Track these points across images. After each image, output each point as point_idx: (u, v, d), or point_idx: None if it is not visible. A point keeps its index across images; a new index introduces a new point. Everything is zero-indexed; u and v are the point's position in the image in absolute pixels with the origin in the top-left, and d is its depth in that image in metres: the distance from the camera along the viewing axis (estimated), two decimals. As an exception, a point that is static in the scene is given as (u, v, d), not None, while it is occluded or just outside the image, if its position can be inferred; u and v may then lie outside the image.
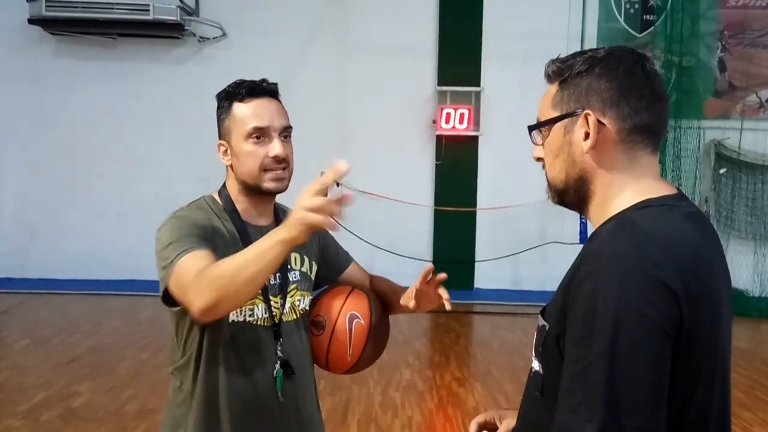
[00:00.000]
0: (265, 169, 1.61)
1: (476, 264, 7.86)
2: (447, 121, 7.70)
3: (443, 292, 1.67)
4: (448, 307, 1.66)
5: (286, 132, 1.65)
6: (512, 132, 7.90)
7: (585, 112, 1.10)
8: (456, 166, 7.84)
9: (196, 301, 1.40)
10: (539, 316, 1.17)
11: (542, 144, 1.19)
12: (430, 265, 1.70)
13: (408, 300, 1.72)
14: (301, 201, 1.33)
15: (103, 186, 7.92)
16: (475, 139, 7.84)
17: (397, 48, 7.78)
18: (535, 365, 1.16)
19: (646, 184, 1.12)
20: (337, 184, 6.62)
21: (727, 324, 1.08)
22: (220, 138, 1.68)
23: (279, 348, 1.65)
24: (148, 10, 7.30)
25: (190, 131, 7.80)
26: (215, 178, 7.42)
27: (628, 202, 1.10)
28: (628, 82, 1.10)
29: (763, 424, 4.25)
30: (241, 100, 1.63)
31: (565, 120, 1.14)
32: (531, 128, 1.21)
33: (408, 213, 7.53)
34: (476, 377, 5.07)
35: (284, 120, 1.65)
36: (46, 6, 7.29)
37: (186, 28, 7.63)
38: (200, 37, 7.85)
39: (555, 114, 1.15)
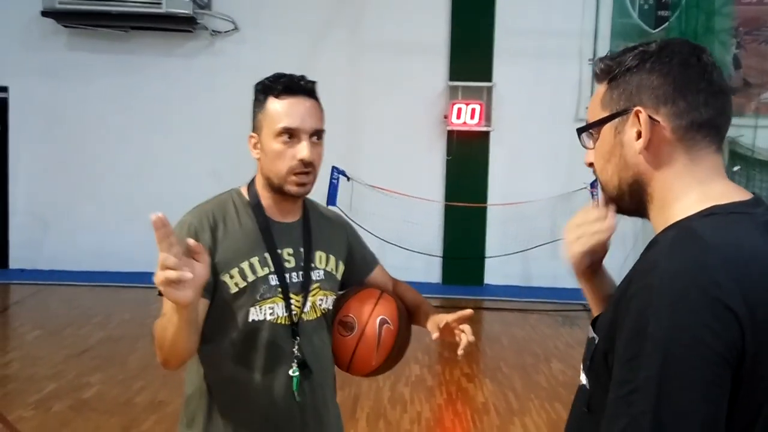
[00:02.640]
0: (290, 172, 1.58)
1: (486, 260, 7.85)
2: (458, 117, 7.67)
3: (465, 336, 1.64)
4: (460, 352, 1.64)
5: (317, 135, 1.60)
6: (524, 128, 7.96)
7: (636, 109, 1.02)
8: (467, 161, 7.81)
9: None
10: (590, 327, 1.10)
11: (593, 147, 1.11)
12: (470, 311, 1.68)
13: (434, 329, 1.71)
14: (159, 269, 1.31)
15: (115, 179, 7.96)
16: (486, 134, 7.82)
17: (408, 43, 7.76)
18: (583, 379, 1.10)
19: (714, 188, 1.02)
20: (348, 178, 6.67)
21: None
22: (253, 130, 1.64)
23: (296, 347, 1.62)
24: (161, 4, 7.31)
25: (202, 125, 7.83)
26: (226, 171, 7.49)
27: (692, 208, 1.00)
28: (683, 76, 1.02)
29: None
30: (276, 96, 1.58)
31: (616, 120, 1.06)
32: (580, 131, 1.13)
33: (418, 208, 7.53)
34: (485, 373, 5.06)
35: (316, 122, 1.60)
36: (59, -1, 7.33)
37: (198, 21, 7.64)
38: (212, 30, 7.86)
39: (604, 114, 1.07)
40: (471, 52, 7.77)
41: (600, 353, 1.02)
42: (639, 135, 1.03)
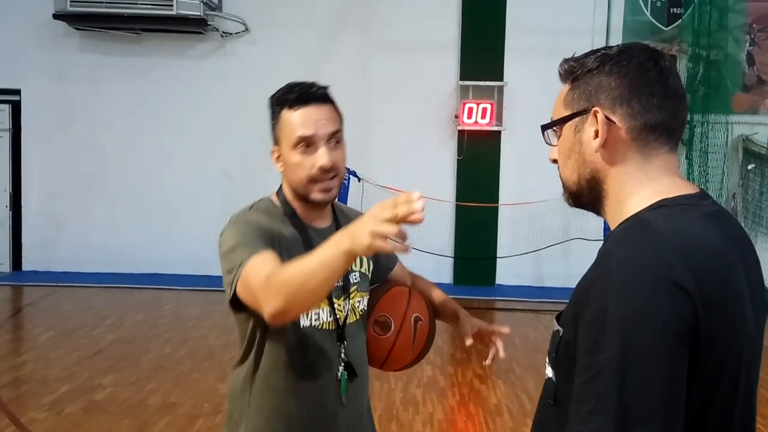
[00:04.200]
0: (312, 180, 1.58)
1: (498, 260, 7.81)
2: (469, 116, 7.64)
3: (499, 349, 1.78)
4: (488, 362, 1.81)
5: (334, 137, 1.60)
6: (535, 127, 7.78)
7: (594, 109, 1.08)
8: (478, 161, 7.78)
9: (266, 306, 1.37)
10: (555, 321, 1.13)
11: (557, 144, 1.18)
12: (507, 330, 1.79)
13: (468, 334, 1.78)
14: (371, 221, 1.23)
15: (127, 181, 8.00)
16: (497, 134, 7.78)
17: (419, 43, 7.74)
18: (549, 372, 1.12)
19: (664, 184, 1.07)
20: (358, 179, 6.63)
21: (754, 329, 1.02)
22: (273, 143, 1.65)
23: (343, 351, 1.63)
24: (172, 6, 7.34)
25: (213, 126, 7.85)
26: (238, 173, 7.51)
27: (644, 202, 1.06)
28: (639, 79, 1.07)
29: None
30: (290, 107, 1.58)
31: (576, 119, 1.11)
32: (544, 128, 1.20)
33: (429, 208, 7.41)
34: (498, 374, 5.03)
35: (332, 125, 1.60)
36: (70, 1, 7.37)
37: (209, 23, 7.66)
38: (223, 32, 7.87)
39: (566, 113, 1.13)
40: (482, 51, 7.74)
41: (564, 344, 1.05)
42: (596, 134, 1.08)
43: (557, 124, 1.16)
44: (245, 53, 7.84)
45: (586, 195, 1.14)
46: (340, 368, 1.62)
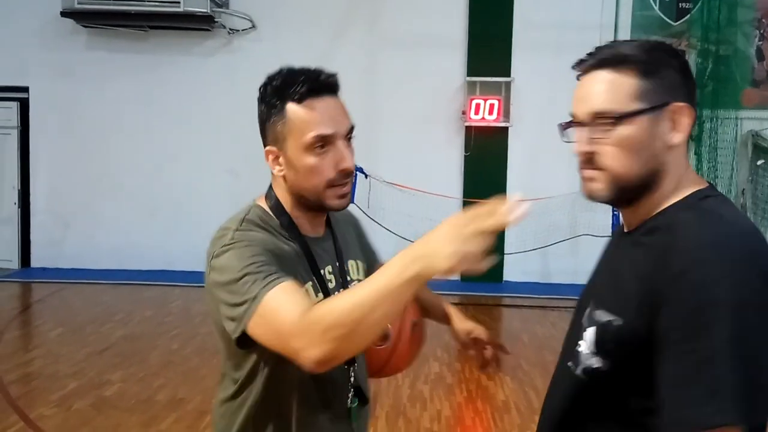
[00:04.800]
0: (330, 185, 1.34)
1: (505, 256, 7.79)
2: (476, 112, 7.62)
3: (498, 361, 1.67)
4: (482, 371, 1.69)
5: (350, 134, 1.38)
6: (542, 123, 7.81)
7: (680, 105, 1.09)
8: (485, 157, 7.76)
9: (306, 352, 1.12)
10: (596, 311, 1.13)
11: (601, 137, 1.10)
12: (507, 352, 1.70)
13: (465, 338, 1.70)
14: (452, 239, 1.05)
15: (135, 178, 8.02)
16: (504, 130, 7.76)
17: (426, 38, 7.72)
18: (592, 363, 1.12)
19: (691, 176, 1.14)
20: (366, 175, 6.62)
21: None
22: (268, 143, 1.38)
23: (352, 375, 1.43)
24: (179, 3, 7.34)
25: (221, 123, 7.86)
26: (244, 169, 7.51)
27: (684, 193, 1.11)
28: (691, 77, 1.13)
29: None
30: (299, 100, 1.32)
31: (653, 113, 1.08)
32: (619, 118, 1.09)
33: (437, 205, 7.48)
34: (506, 371, 5.01)
35: (348, 120, 1.37)
36: (78, -1, 7.38)
37: (216, 20, 7.66)
38: (230, 29, 7.88)
39: (641, 106, 1.08)
40: (489, 47, 7.71)
41: (629, 332, 1.06)
42: (673, 128, 1.10)
43: (636, 115, 1.08)
44: (252, 50, 7.83)
45: (638, 188, 1.11)
46: (350, 394, 1.42)
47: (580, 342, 1.16)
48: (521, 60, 7.71)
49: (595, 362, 1.11)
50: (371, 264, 1.63)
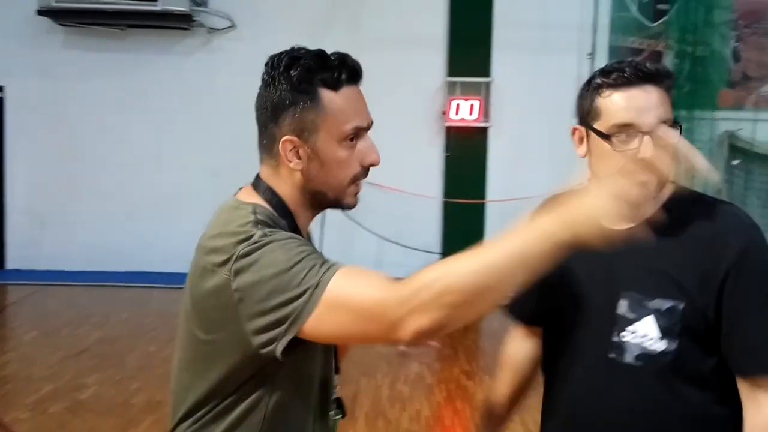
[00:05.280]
0: (353, 181, 1.26)
1: (486, 256, 7.83)
2: (457, 113, 7.63)
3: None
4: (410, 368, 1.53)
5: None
6: (523, 123, 7.91)
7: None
8: (465, 157, 7.78)
9: (415, 320, 0.99)
10: (648, 301, 1.26)
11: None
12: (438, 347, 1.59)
13: None
14: (607, 194, 0.97)
15: (113, 178, 7.92)
16: (484, 130, 7.78)
17: (406, 39, 7.71)
18: (657, 347, 1.25)
19: None
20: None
21: None
22: (287, 133, 1.21)
23: (337, 384, 1.34)
24: (157, 1, 7.26)
25: (200, 122, 7.79)
26: (225, 169, 7.43)
27: (667, 189, 1.33)
28: None
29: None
30: (335, 88, 1.22)
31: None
32: (671, 124, 1.29)
33: (417, 205, 7.49)
34: (485, 370, 5.03)
35: (369, 113, 1.27)
36: (54, -3, 7.29)
37: (195, 19, 7.59)
38: (209, 28, 7.81)
39: (673, 117, 1.30)
40: (469, 48, 7.72)
41: (699, 311, 1.24)
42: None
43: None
44: (232, 49, 7.78)
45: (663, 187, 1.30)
46: (333, 406, 1.33)
47: (624, 334, 1.27)
48: (501, 60, 7.74)
49: (661, 346, 1.25)
50: None
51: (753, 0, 7.72)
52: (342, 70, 1.23)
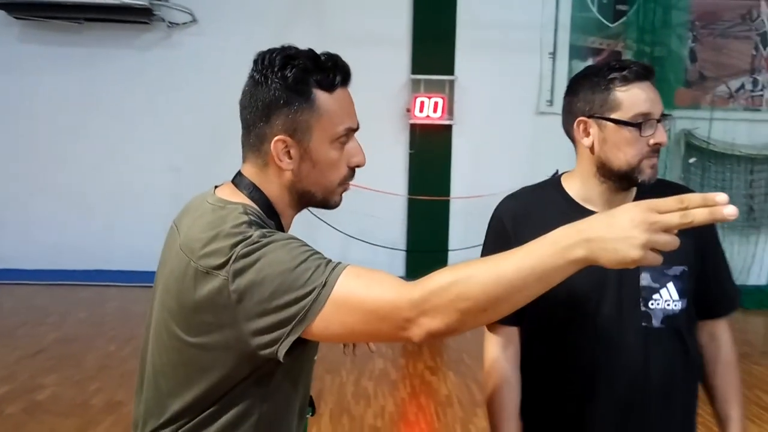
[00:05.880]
0: (343, 182, 1.27)
1: (450, 253, 7.86)
2: (421, 110, 7.65)
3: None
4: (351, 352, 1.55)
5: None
6: (486, 121, 7.98)
7: None
8: (430, 155, 7.81)
9: (429, 322, 1.02)
10: (667, 270, 1.46)
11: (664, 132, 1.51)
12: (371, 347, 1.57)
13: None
14: (638, 228, 0.92)
15: (70, 175, 7.75)
16: (449, 128, 7.82)
17: (371, 36, 7.71)
18: (675, 307, 1.48)
19: None
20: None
21: None
22: (279, 132, 1.20)
23: (311, 382, 1.33)
24: (116, -6, 7.13)
25: (159, 119, 7.67)
26: (185, 166, 7.32)
27: None
28: None
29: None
30: (329, 90, 1.22)
31: None
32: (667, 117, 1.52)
33: (381, 202, 7.49)
34: (449, 366, 5.07)
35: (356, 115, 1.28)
36: (9, -11, 7.10)
37: (155, 13, 7.46)
38: (169, 22, 7.69)
39: None
40: (433, 45, 7.75)
41: (692, 275, 1.50)
42: None
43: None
44: (193, 44, 7.68)
45: None
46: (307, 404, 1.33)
47: (651, 302, 1.46)
48: (465, 58, 7.78)
49: (677, 305, 1.47)
50: None
51: (709, 2, 7.90)
52: (336, 72, 1.24)
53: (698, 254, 1.50)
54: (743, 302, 7.47)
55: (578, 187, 1.55)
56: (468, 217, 7.66)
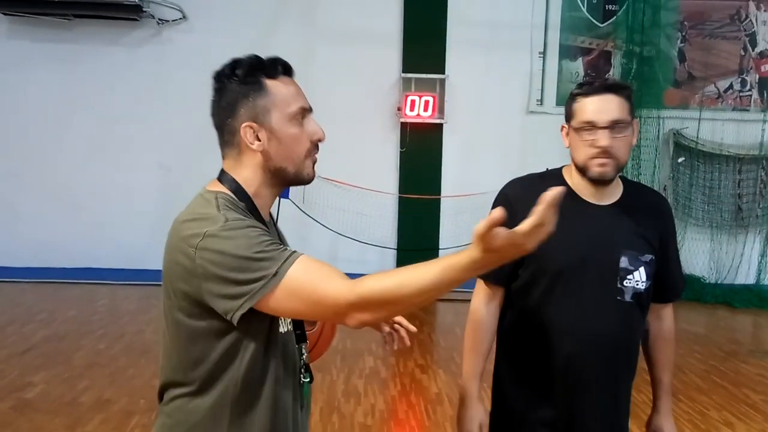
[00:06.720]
0: (309, 154, 1.48)
1: (440, 251, 7.87)
2: (411, 109, 7.66)
3: (402, 336, 1.78)
4: (397, 346, 1.79)
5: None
6: (476, 119, 8.00)
7: (636, 120, 1.83)
8: (420, 153, 7.82)
9: (362, 317, 1.26)
10: (640, 256, 1.80)
11: (617, 136, 1.73)
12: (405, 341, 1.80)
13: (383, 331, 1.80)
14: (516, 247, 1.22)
15: (58, 172, 7.71)
16: (439, 126, 7.83)
17: (362, 35, 7.71)
18: (642, 287, 1.81)
19: None
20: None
21: None
22: (244, 121, 1.40)
23: (304, 353, 1.51)
24: (105, -9, 7.09)
25: (149, 116, 7.64)
26: (173, 163, 7.28)
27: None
28: None
29: (719, 408, 4.34)
30: (275, 78, 1.44)
31: (632, 123, 1.79)
32: (627, 124, 1.76)
33: (372, 200, 7.50)
34: (439, 364, 5.08)
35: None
36: (-3, -15, 7.05)
37: (144, 9, 7.43)
38: (159, 19, 7.66)
39: (630, 118, 1.76)
40: (424, 44, 7.76)
41: (655, 261, 1.83)
42: (633, 135, 1.81)
43: (631, 123, 1.78)
44: (182, 41, 7.65)
45: (622, 170, 1.83)
46: (303, 371, 1.50)
47: (625, 281, 1.79)
48: (455, 57, 7.79)
49: (644, 285, 1.80)
50: None
51: (698, 2, 7.95)
52: (277, 64, 1.45)
53: (661, 246, 1.84)
54: (732, 301, 7.54)
55: (572, 178, 1.86)
56: (458, 215, 7.68)
